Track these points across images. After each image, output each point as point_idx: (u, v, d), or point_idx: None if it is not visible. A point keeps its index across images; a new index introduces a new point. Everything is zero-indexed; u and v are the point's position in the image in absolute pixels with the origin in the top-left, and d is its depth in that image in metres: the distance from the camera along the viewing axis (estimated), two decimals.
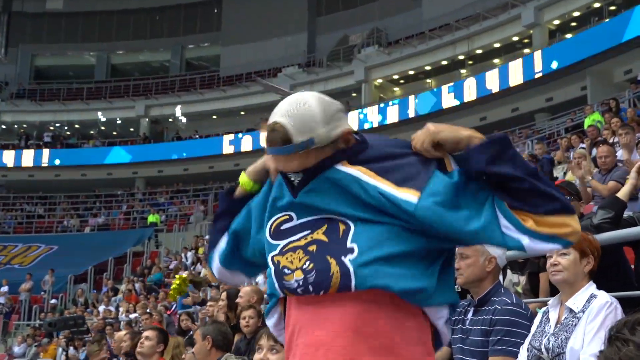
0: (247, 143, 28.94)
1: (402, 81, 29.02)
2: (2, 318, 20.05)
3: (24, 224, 28.63)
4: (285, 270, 1.71)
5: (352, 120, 25.31)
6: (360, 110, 26.33)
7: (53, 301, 19.96)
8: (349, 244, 1.66)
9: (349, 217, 1.69)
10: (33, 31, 35.91)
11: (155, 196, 29.85)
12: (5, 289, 21.27)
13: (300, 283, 1.68)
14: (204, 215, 26.02)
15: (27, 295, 20.71)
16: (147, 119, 32.35)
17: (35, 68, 36.70)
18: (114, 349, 7.63)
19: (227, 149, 29.29)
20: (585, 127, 12.27)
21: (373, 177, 1.68)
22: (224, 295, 6.79)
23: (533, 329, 3.11)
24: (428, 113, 24.60)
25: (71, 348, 11.88)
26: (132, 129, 33.31)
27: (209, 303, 8.67)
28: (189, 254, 19.76)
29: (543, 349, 2.84)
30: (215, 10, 34.68)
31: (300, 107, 1.67)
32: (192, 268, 17.33)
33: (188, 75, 33.71)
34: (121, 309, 15.99)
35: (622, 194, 3.67)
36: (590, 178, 5.78)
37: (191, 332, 7.51)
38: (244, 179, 1.96)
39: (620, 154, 7.61)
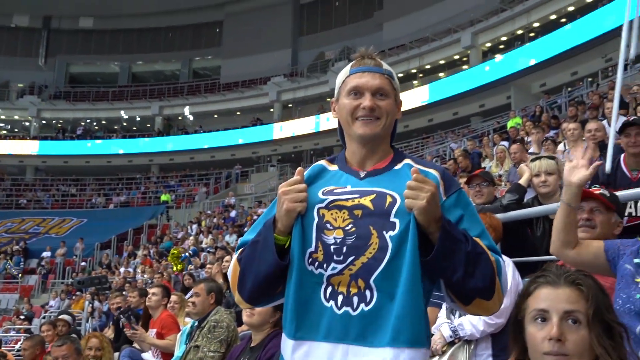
0: (241, 137, 28.92)
1: None
2: (41, 278, 19.90)
3: (60, 201, 28.28)
4: (328, 225, 1.48)
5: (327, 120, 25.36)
6: None
7: (83, 264, 19.84)
8: (392, 218, 1.45)
9: (398, 191, 1.48)
10: (68, 44, 35.32)
11: (167, 179, 29.64)
12: (48, 253, 21.10)
13: (338, 242, 1.46)
14: (206, 196, 25.92)
15: (62, 259, 20.52)
16: (160, 117, 32.05)
17: (70, 74, 36.09)
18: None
19: (225, 141, 29.20)
20: (508, 128, 12.40)
21: (421, 166, 1.57)
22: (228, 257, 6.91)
23: None
24: None
25: (96, 301, 11.85)
26: (148, 125, 33.00)
27: (207, 266, 8.71)
28: (194, 226, 19.72)
29: None
30: (217, 30, 34.39)
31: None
32: (195, 237, 17.28)
33: (194, 82, 33.37)
34: (138, 270, 15.93)
35: (522, 181, 3.76)
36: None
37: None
38: (280, 238, 1.53)
39: (533, 149, 7.75)
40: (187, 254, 12.23)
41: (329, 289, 1.46)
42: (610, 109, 7.10)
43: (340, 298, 1.44)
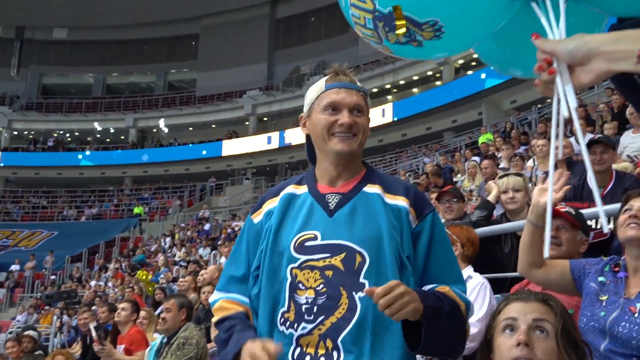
0: (216, 150, 28.73)
1: None
2: (8, 291, 19.37)
3: (30, 213, 27.67)
4: (300, 286, 1.47)
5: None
6: None
7: (52, 277, 19.39)
8: (361, 279, 1.45)
9: (366, 249, 1.47)
10: (41, 55, 34.80)
11: (140, 192, 29.24)
12: (16, 267, 20.57)
13: (309, 301, 1.46)
14: (179, 208, 25.65)
15: (31, 272, 20.02)
16: (135, 129, 31.69)
17: (43, 85, 35.53)
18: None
19: (200, 154, 28.98)
20: (480, 143, 12.56)
21: (391, 197, 1.55)
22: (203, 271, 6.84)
23: None
24: None
25: (65, 316, 11.54)
26: (122, 137, 32.60)
27: (180, 280, 8.56)
28: (167, 239, 19.47)
29: None
30: (193, 43, 34.30)
31: None
32: (165, 255, 17.02)
33: (170, 94, 33.15)
34: (110, 284, 15.63)
35: (491, 198, 3.79)
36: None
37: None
38: None
39: (503, 165, 7.86)
40: (159, 278, 11.99)
41: (297, 350, 1.45)
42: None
43: (307, 359, 1.44)
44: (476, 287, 2.81)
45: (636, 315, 1.75)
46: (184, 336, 4.10)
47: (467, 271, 2.92)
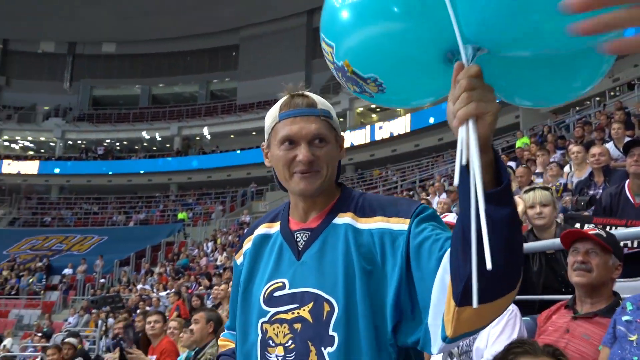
0: (256, 157, 28.86)
1: (378, 109, 28.94)
2: (62, 294, 19.88)
3: (82, 219, 28.44)
4: (270, 342, 1.31)
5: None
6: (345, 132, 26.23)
7: (102, 280, 19.80)
8: (330, 331, 1.25)
9: (334, 296, 1.26)
10: (91, 69, 35.87)
11: (185, 198, 29.67)
12: (69, 270, 21.13)
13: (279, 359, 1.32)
14: (222, 214, 25.86)
15: (82, 275, 20.51)
16: (179, 137, 32.24)
17: (93, 97, 36.58)
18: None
19: (241, 160, 29.21)
20: (516, 147, 12.16)
21: (364, 221, 1.30)
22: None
23: None
24: (398, 134, 24.63)
25: (111, 319, 11.71)
26: (167, 145, 33.20)
27: (214, 288, 8.48)
28: (209, 243, 19.61)
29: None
30: (234, 54, 34.68)
31: (317, 96, 1.41)
32: (210, 255, 17.13)
33: (212, 103, 33.59)
34: (154, 288, 15.81)
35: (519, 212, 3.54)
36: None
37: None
38: None
39: (538, 170, 7.53)
40: None
41: None
42: (617, 129, 6.86)
43: None
44: (505, 315, 2.57)
45: None
46: (211, 352, 3.99)
47: None
